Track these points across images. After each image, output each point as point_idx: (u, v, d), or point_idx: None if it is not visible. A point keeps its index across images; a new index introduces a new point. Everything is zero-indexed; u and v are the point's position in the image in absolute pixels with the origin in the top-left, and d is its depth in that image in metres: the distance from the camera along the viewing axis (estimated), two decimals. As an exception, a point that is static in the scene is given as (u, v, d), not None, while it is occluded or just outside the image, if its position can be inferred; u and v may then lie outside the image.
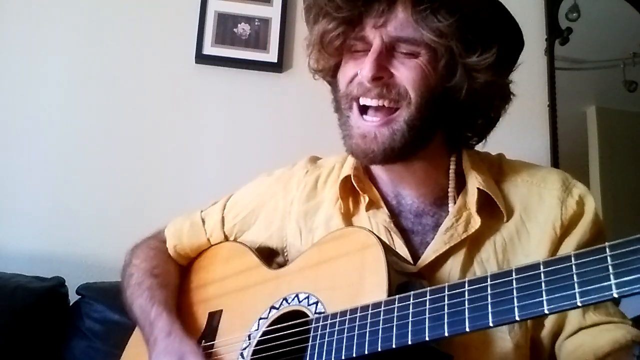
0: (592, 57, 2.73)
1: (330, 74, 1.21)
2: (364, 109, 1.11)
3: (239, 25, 2.49)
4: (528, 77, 2.57)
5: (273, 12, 2.50)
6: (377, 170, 1.22)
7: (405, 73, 1.07)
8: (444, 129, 1.18)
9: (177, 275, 1.41)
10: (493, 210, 1.15)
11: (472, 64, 1.09)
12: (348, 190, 1.22)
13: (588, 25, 2.69)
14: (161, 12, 2.48)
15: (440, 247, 1.12)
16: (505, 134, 1.27)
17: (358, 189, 1.20)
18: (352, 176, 1.21)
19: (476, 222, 1.12)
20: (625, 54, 2.75)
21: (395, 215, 1.19)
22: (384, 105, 1.09)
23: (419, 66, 1.08)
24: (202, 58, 2.44)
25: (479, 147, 1.27)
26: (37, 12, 2.41)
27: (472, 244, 1.13)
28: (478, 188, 1.14)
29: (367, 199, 1.20)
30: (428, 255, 1.12)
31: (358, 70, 1.10)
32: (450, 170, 1.19)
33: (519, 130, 2.51)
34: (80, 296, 2.00)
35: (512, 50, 1.16)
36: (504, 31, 1.12)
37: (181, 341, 1.18)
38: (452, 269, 1.11)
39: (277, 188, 1.34)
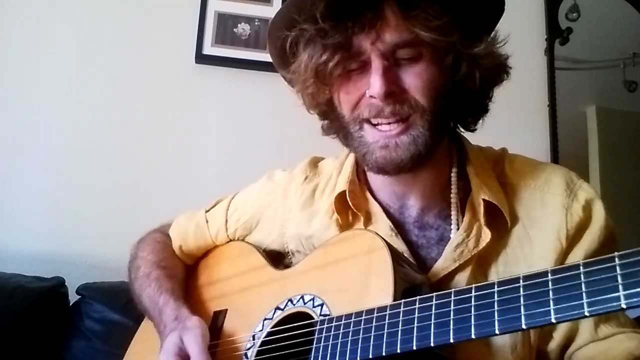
0: (592, 57, 2.73)
1: (326, 103, 1.14)
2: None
3: (239, 25, 2.48)
4: (528, 77, 2.57)
5: (273, 12, 2.46)
6: (380, 181, 1.17)
7: (414, 82, 1.02)
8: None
9: (184, 269, 1.42)
10: (497, 219, 1.10)
11: (478, 53, 1.06)
12: (345, 203, 1.18)
13: (588, 25, 2.69)
14: (161, 12, 2.48)
15: (449, 265, 1.08)
16: (506, 134, 1.27)
17: (352, 207, 1.17)
18: (347, 192, 1.17)
19: (487, 235, 1.08)
20: (625, 54, 2.76)
21: (398, 227, 1.15)
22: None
23: (425, 70, 1.03)
24: (202, 58, 2.44)
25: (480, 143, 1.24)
26: (36, 13, 2.40)
27: (479, 258, 1.09)
28: (484, 199, 1.09)
29: (362, 218, 1.17)
30: (437, 273, 1.08)
31: (366, 91, 1.04)
32: (452, 174, 1.15)
33: (519, 130, 2.51)
34: (80, 296, 2.00)
35: (497, 12, 1.12)
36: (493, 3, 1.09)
37: (186, 320, 1.19)
38: (457, 284, 1.07)
39: (277, 194, 1.31)
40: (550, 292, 0.75)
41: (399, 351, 0.87)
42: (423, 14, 0.99)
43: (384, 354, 0.88)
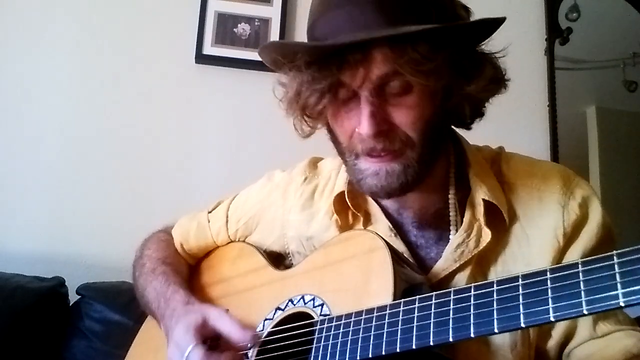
0: (592, 57, 2.74)
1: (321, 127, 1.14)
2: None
3: (239, 25, 2.49)
4: (528, 77, 2.57)
5: (273, 12, 2.51)
6: None
7: (404, 119, 1.00)
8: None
9: (188, 267, 1.42)
10: (496, 218, 1.09)
11: (472, 91, 1.03)
12: (344, 204, 1.18)
13: (588, 25, 2.70)
14: (161, 12, 2.48)
15: (450, 265, 1.08)
16: (505, 134, 1.26)
17: (352, 207, 1.17)
18: (345, 192, 1.17)
19: (487, 235, 1.07)
20: (625, 54, 2.76)
21: (397, 227, 1.15)
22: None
23: (415, 104, 0.99)
24: (202, 58, 2.44)
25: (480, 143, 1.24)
26: (36, 13, 2.41)
27: (479, 258, 1.09)
28: (483, 199, 1.08)
29: (361, 218, 1.17)
30: (437, 273, 1.08)
31: (355, 127, 1.01)
32: (451, 175, 1.14)
33: (519, 130, 2.52)
34: (80, 296, 2.01)
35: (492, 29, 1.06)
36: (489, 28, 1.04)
37: (201, 305, 1.19)
38: (457, 284, 1.06)
39: (276, 195, 1.31)
40: (549, 291, 0.75)
41: (398, 350, 0.87)
42: (414, 55, 0.94)
43: (383, 353, 0.88)
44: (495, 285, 0.81)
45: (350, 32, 0.95)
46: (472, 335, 0.81)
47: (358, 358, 0.91)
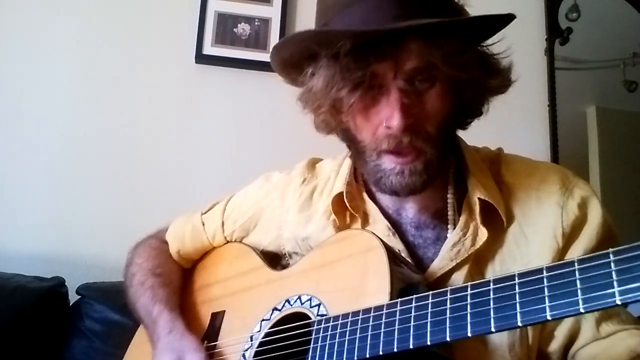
0: (592, 57, 2.73)
1: (340, 127, 1.13)
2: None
3: (239, 25, 2.49)
4: (528, 77, 2.57)
5: (273, 12, 2.50)
6: None
7: (427, 112, 1.01)
8: None
9: (180, 274, 1.41)
10: (494, 218, 1.09)
11: (494, 84, 1.06)
12: (342, 205, 1.18)
13: (588, 25, 2.70)
14: (161, 12, 2.48)
15: (446, 265, 1.07)
16: (505, 133, 1.26)
17: (350, 208, 1.17)
18: (344, 193, 1.17)
19: (483, 234, 1.07)
20: (625, 54, 2.76)
21: (395, 227, 1.15)
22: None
23: (438, 97, 1.02)
24: (202, 58, 2.44)
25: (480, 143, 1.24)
26: (36, 12, 2.41)
27: (476, 257, 1.09)
28: (479, 198, 1.08)
29: (359, 219, 1.17)
30: (433, 272, 1.08)
31: (383, 121, 1.01)
32: (449, 175, 1.14)
33: (519, 130, 2.52)
34: (80, 296, 2.00)
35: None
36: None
37: (182, 338, 1.18)
38: (454, 283, 1.06)
39: (274, 196, 1.31)
40: (546, 289, 0.75)
41: (395, 350, 0.87)
42: (448, 47, 0.96)
43: (380, 353, 0.88)
44: (491, 284, 0.81)
45: (380, 24, 0.96)
46: (469, 334, 0.80)
47: (355, 358, 0.91)
